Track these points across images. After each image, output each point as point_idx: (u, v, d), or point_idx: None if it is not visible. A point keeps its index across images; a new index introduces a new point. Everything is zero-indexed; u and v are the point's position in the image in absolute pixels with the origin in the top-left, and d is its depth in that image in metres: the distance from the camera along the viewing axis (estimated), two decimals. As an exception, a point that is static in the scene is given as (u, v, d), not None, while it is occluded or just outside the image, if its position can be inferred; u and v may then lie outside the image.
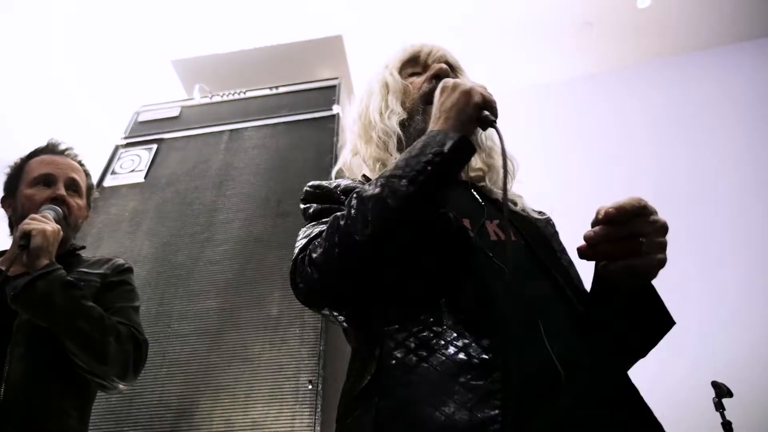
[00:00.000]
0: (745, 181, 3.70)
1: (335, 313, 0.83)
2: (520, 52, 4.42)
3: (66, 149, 1.47)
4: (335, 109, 2.39)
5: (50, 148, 1.45)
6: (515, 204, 1.00)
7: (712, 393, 2.31)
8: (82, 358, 1.16)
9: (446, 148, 0.77)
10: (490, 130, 0.85)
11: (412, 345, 0.74)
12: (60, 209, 1.32)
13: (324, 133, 2.30)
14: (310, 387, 1.56)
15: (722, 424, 2.25)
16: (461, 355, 0.70)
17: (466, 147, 0.79)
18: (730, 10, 4.12)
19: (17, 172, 1.41)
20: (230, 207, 2.12)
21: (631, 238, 0.71)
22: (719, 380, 2.33)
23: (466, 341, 0.71)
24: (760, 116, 3.95)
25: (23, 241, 1.15)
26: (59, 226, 1.24)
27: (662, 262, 0.72)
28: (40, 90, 4.36)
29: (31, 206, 1.33)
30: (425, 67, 1.08)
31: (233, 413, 1.57)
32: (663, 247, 0.73)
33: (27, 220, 1.20)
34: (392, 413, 0.70)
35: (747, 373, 2.75)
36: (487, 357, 0.69)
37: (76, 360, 1.17)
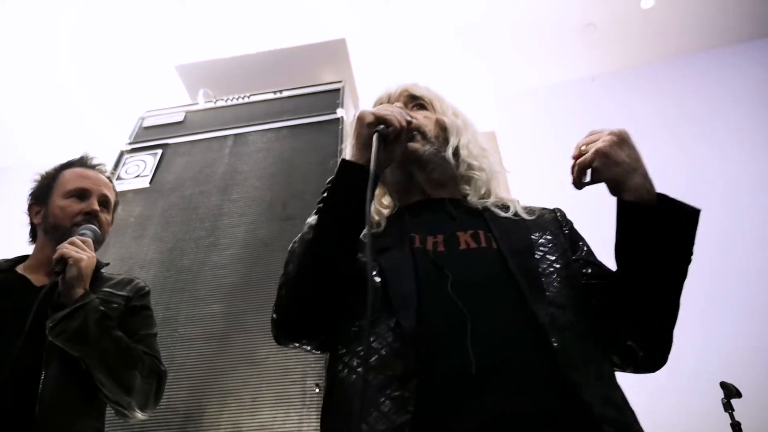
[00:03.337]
0: (750, 181, 3.69)
1: (297, 345, 0.95)
2: (523, 54, 4.42)
3: (98, 164, 1.49)
4: (339, 112, 2.39)
5: (83, 161, 1.47)
6: (506, 208, 1.03)
7: (720, 394, 2.30)
8: (109, 388, 1.19)
9: (334, 175, 0.91)
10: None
11: (354, 363, 0.82)
12: (97, 229, 1.34)
13: (328, 137, 2.31)
14: (317, 390, 1.56)
15: (731, 425, 2.23)
16: (392, 371, 0.76)
17: (348, 167, 0.90)
18: (734, 9, 4.11)
19: (50, 181, 1.42)
20: (235, 211, 2.12)
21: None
22: (728, 381, 2.32)
23: (397, 354, 0.78)
24: (767, 116, 3.93)
25: (58, 267, 1.17)
26: (94, 254, 1.26)
27: (606, 145, 0.83)
28: (45, 96, 4.39)
29: (64, 217, 1.34)
30: None
31: (240, 417, 1.57)
32: (603, 139, 0.84)
33: (66, 245, 1.20)
34: (335, 429, 0.81)
35: (756, 374, 2.73)
36: (406, 367, 0.75)
37: (102, 389, 1.19)
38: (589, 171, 0.86)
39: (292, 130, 2.40)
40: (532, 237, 0.96)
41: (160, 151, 2.44)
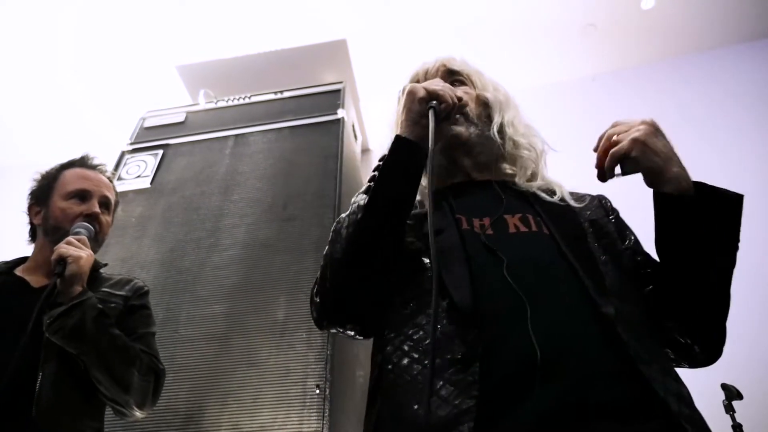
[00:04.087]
0: (751, 182, 3.68)
1: (341, 330, 0.91)
2: (523, 54, 4.41)
3: (99, 164, 1.48)
4: (340, 113, 2.39)
5: (84, 162, 1.46)
6: (553, 193, 0.98)
7: (721, 395, 2.29)
8: (107, 386, 1.18)
9: (388, 152, 0.86)
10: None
11: (406, 348, 0.77)
12: (92, 227, 1.33)
13: (329, 137, 2.31)
14: (317, 391, 1.56)
15: (732, 426, 2.22)
16: (450, 354, 0.72)
17: (404, 144, 0.85)
18: (735, 10, 4.10)
19: (50, 181, 1.41)
20: (236, 212, 2.12)
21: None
22: (729, 382, 2.31)
23: (453, 337, 0.73)
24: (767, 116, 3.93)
25: (58, 268, 1.16)
26: (92, 252, 1.25)
27: (643, 134, 0.80)
28: (46, 96, 4.38)
29: (65, 219, 1.34)
30: None
31: (241, 418, 1.56)
32: (638, 128, 0.81)
33: (63, 245, 1.20)
34: (388, 415, 0.75)
35: (757, 375, 2.73)
36: (467, 350, 0.71)
37: (99, 387, 1.19)
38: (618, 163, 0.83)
39: (292, 131, 2.40)
40: (583, 224, 0.91)
41: (161, 152, 2.44)
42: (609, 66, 4.53)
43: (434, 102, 0.87)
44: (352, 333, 0.90)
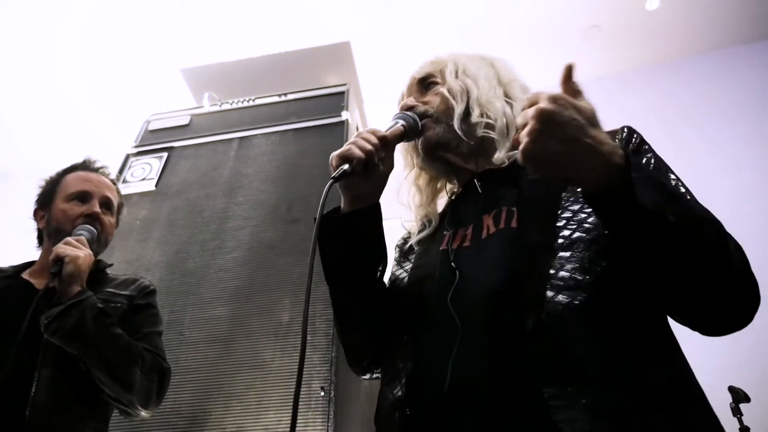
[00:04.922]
0: (752, 184, 3.66)
1: (366, 377, 0.97)
2: (526, 56, 4.41)
3: (101, 167, 1.50)
4: (344, 115, 2.39)
5: (86, 165, 1.49)
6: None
7: (729, 398, 2.27)
8: (109, 386, 1.18)
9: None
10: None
11: (386, 389, 0.83)
12: (94, 229, 1.34)
13: (333, 140, 2.31)
14: (322, 394, 1.55)
15: (740, 429, 2.21)
16: (399, 392, 0.78)
17: (317, 221, 0.82)
18: (739, 11, 4.08)
19: (53, 186, 1.44)
20: (240, 214, 2.12)
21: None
22: (736, 385, 2.29)
23: (403, 375, 0.78)
24: (771, 117, 3.90)
25: (55, 268, 1.17)
26: (91, 252, 1.26)
27: (527, 145, 0.62)
28: (50, 100, 4.41)
29: (66, 220, 1.35)
30: None
31: (245, 420, 1.56)
32: (527, 133, 0.62)
33: (61, 245, 1.21)
34: None
35: (764, 377, 2.71)
36: (400, 391, 0.76)
37: (102, 387, 1.19)
38: None
39: (296, 133, 2.40)
40: (564, 195, 0.78)
41: (165, 155, 2.45)
42: (613, 67, 4.52)
43: (345, 166, 0.82)
44: (378, 377, 0.95)
